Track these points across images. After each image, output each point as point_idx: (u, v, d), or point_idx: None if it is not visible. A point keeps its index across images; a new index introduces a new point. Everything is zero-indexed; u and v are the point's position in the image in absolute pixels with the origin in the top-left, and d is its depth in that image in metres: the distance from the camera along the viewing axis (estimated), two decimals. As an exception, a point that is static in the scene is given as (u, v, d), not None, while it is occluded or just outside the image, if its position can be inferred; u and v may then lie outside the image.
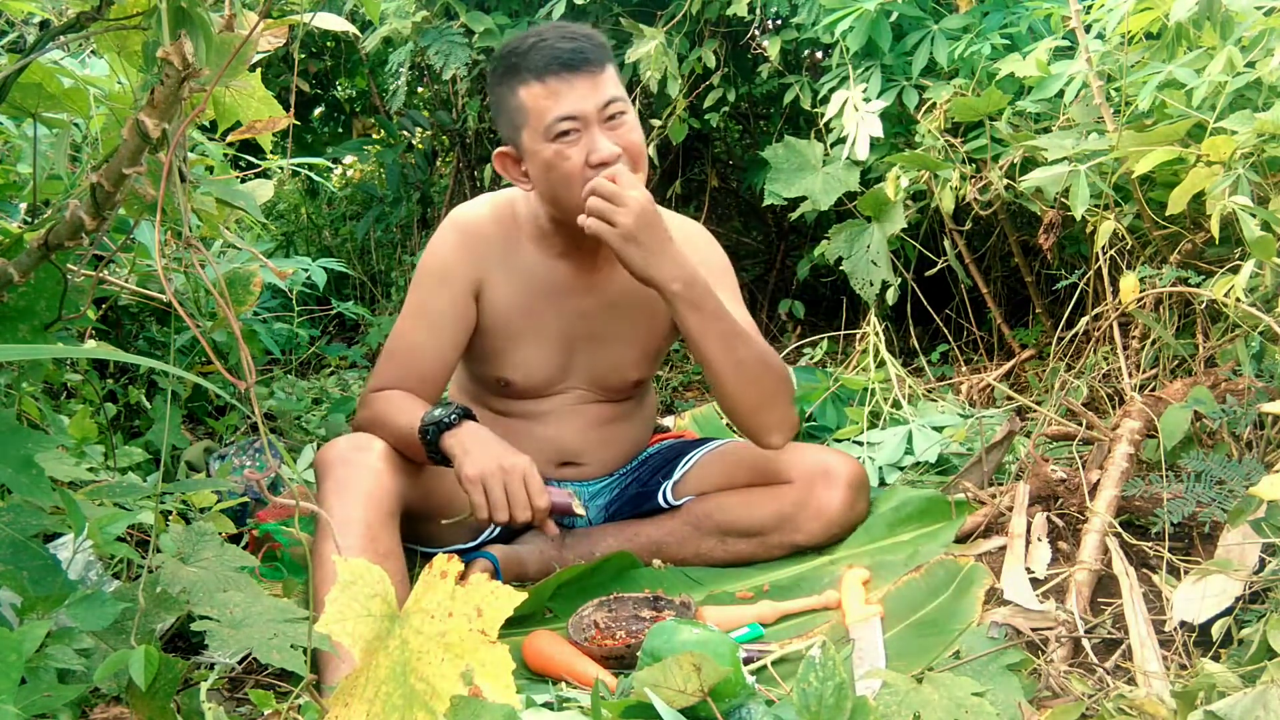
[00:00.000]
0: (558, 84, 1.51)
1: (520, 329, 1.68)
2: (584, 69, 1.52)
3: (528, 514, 1.44)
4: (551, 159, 1.53)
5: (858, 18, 2.29)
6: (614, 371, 1.76)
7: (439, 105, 3.67)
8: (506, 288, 1.68)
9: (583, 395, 1.76)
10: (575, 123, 1.52)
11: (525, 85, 1.53)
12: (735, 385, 1.60)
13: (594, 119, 1.52)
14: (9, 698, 0.84)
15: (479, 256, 1.66)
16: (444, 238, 1.68)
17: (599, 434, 1.79)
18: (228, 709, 1.19)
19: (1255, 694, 0.98)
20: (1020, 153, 2.05)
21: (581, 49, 1.52)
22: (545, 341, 1.70)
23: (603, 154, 1.52)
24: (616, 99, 1.55)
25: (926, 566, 1.56)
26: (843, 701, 1.00)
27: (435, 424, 1.49)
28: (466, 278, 1.66)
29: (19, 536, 1.03)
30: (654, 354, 1.80)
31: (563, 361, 1.73)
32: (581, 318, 1.71)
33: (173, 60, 0.88)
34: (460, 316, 1.66)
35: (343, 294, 3.61)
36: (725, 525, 1.73)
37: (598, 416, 1.78)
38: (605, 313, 1.72)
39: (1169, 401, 1.64)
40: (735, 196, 3.69)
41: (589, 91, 1.52)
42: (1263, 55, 1.60)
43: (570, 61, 1.51)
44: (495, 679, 0.83)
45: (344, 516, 1.43)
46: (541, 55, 1.52)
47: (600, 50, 1.55)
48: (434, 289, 1.65)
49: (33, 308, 1.12)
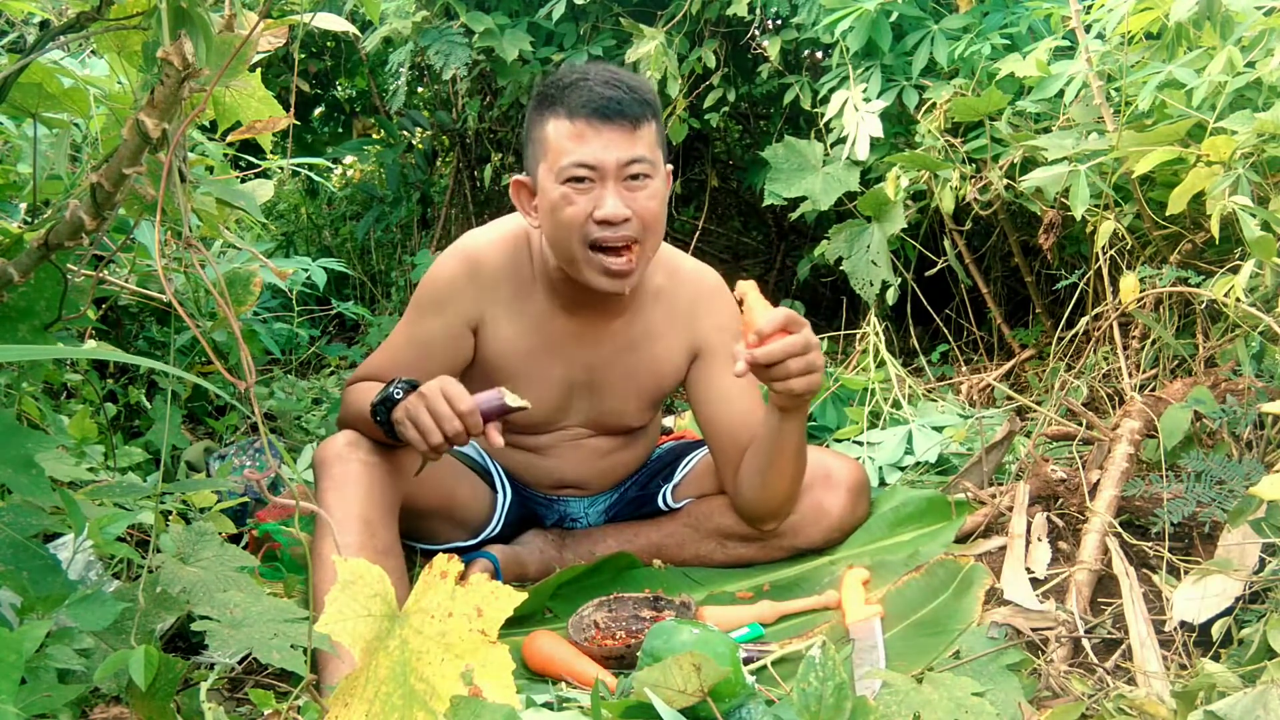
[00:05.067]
0: (585, 128, 1.45)
1: (521, 371, 1.63)
2: (616, 120, 1.45)
3: (455, 423, 1.38)
4: (558, 201, 1.47)
5: (858, 18, 2.29)
6: (614, 416, 1.73)
7: (439, 105, 3.67)
8: (510, 329, 1.63)
9: (582, 432, 1.74)
10: (591, 172, 1.46)
11: (555, 119, 1.48)
12: (784, 484, 1.61)
13: (611, 174, 1.46)
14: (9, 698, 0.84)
15: (484, 292, 1.61)
16: (451, 266, 1.62)
17: (599, 464, 1.77)
18: (228, 709, 1.19)
19: (1255, 694, 0.98)
20: (1020, 153, 2.05)
21: (619, 100, 1.45)
22: (546, 386, 1.65)
23: (607, 212, 1.45)
24: (643, 160, 1.47)
25: (926, 566, 1.56)
26: (843, 701, 1.00)
27: (383, 402, 1.46)
28: (466, 311, 1.61)
29: (19, 536, 1.03)
30: (655, 403, 1.77)
31: (563, 405, 1.70)
32: (585, 368, 1.67)
33: (173, 60, 0.88)
34: (451, 347, 1.62)
35: (343, 294, 3.61)
36: (725, 528, 1.72)
37: (597, 449, 1.76)
38: (609, 365, 1.68)
39: (1169, 401, 1.64)
40: (735, 196, 3.69)
41: (615, 144, 1.45)
42: (1263, 55, 1.60)
43: (603, 109, 1.45)
44: (495, 679, 0.83)
45: (342, 513, 1.43)
46: (579, 95, 1.46)
47: (641, 106, 1.47)
48: (430, 315, 1.62)
49: (33, 308, 1.12)
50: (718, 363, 1.68)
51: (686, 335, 1.69)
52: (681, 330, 1.68)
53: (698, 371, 1.70)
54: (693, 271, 1.71)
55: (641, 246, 1.50)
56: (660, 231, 1.53)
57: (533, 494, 1.79)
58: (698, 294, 1.69)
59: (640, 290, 1.65)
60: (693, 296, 1.69)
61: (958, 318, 2.81)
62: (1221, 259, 1.84)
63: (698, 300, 1.69)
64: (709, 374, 1.69)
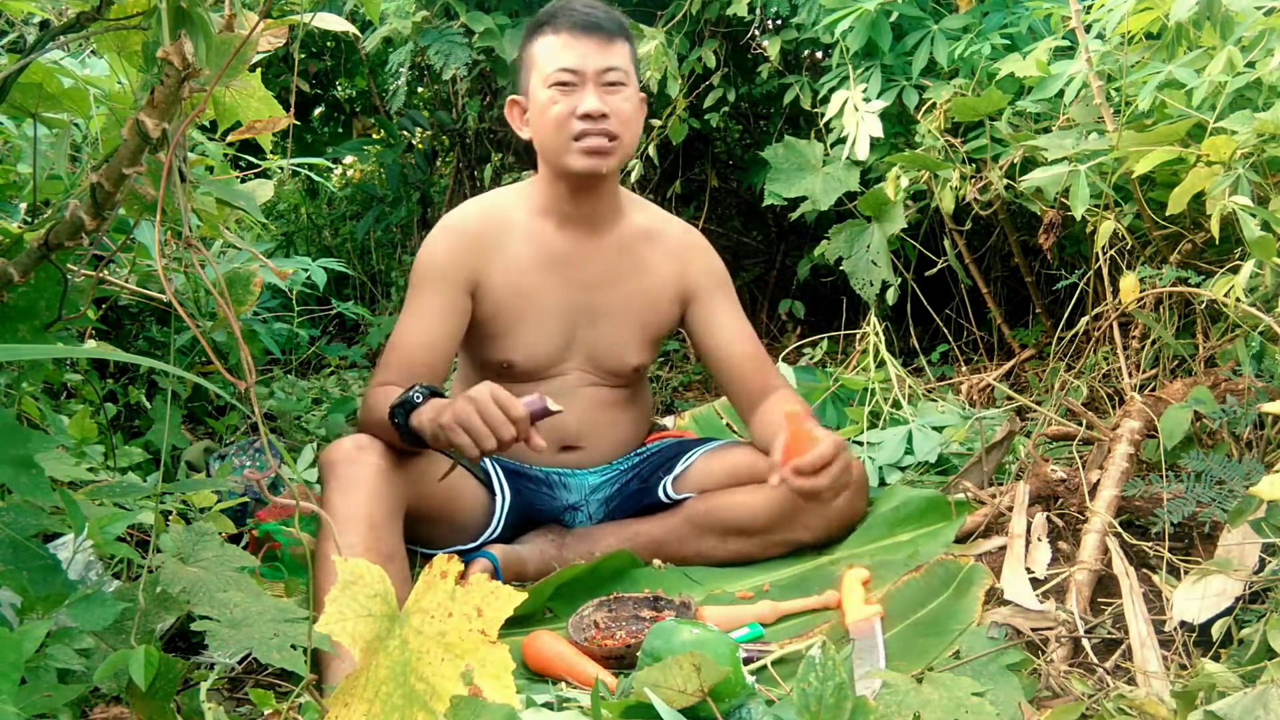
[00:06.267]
0: (569, 39, 1.67)
1: (521, 308, 1.74)
2: (594, 33, 1.67)
3: (510, 429, 1.41)
4: (545, 103, 1.67)
5: (858, 18, 2.29)
6: (613, 351, 1.80)
7: (439, 105, 3.67)
8: (504, 275, 1.74)
9: (582, 377, 1.81)
10: (574, 76, 1.66)
11: (543, 37, 1.70)
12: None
13: (591, 78, 1.66)
14: (9, 698, 0.84)
15: (472, 254, 1.73)
16: (435, 240, 1.75)
17: (598, 417, 1.82)
18: (228, 709, 1.19)
19: (1255, 694, 0.98)
20: (1020, 153, 2.05)
21: (597, 18, 1.69)
22: (546, 318, 1.76)
23: (588, 107, 1.65)
24: (618, 69, 1.68)
25: (926, 566, 1.56)
26: (843, 701, 1.00)
27: (402, 405, 1.51)
28: (460, 277, 1.72)
29: (19, 536, 1.03)
30: (652, 339, 1.85)
31: (563, 339, 1.77)
32: (580, 289, 1.77)
33: (173, 60, 0.88)
34: (456, 313, 1.72)
35: (343, 294, 3.61)
36: (725, 524, 1.73)
37: (597, 399, 1.82)
38: (604, 285, 1.79)
39: (1169, 401, 1.64)
40: (735, 196, 3.69)
41: (593, 53, 1.66)
42: (1263, 55, 1.60)
43: (583, 24, 1.67)
44: (495, 679, 0.83)
45: (347, 515, 1.43)
46: (563, 15, 1.69)
47: (616, 24, 1.71)
48: (429, 289, 1.72)
49: (33, 308, 1.12)
50: (712, 302, 1.85)
51: (677, 278, 1.84)
52: (671, 272, 1.83)
53: (695, 315, 1.86)
54: (680, 226, 1.90)
55: (619, 141, 1.69)
56: (635, 133, 1.74)
57: (531, 475, 1.80)
58: (687, 242, 1.87)
59: (627, 220, 1.82)
60: (682, 243, 1.87)
61: (958, 318, 2.81)
62: (1221, 259, 1.84)
63: (687, 248, 1.87)
64: (707, 315, 1.85)
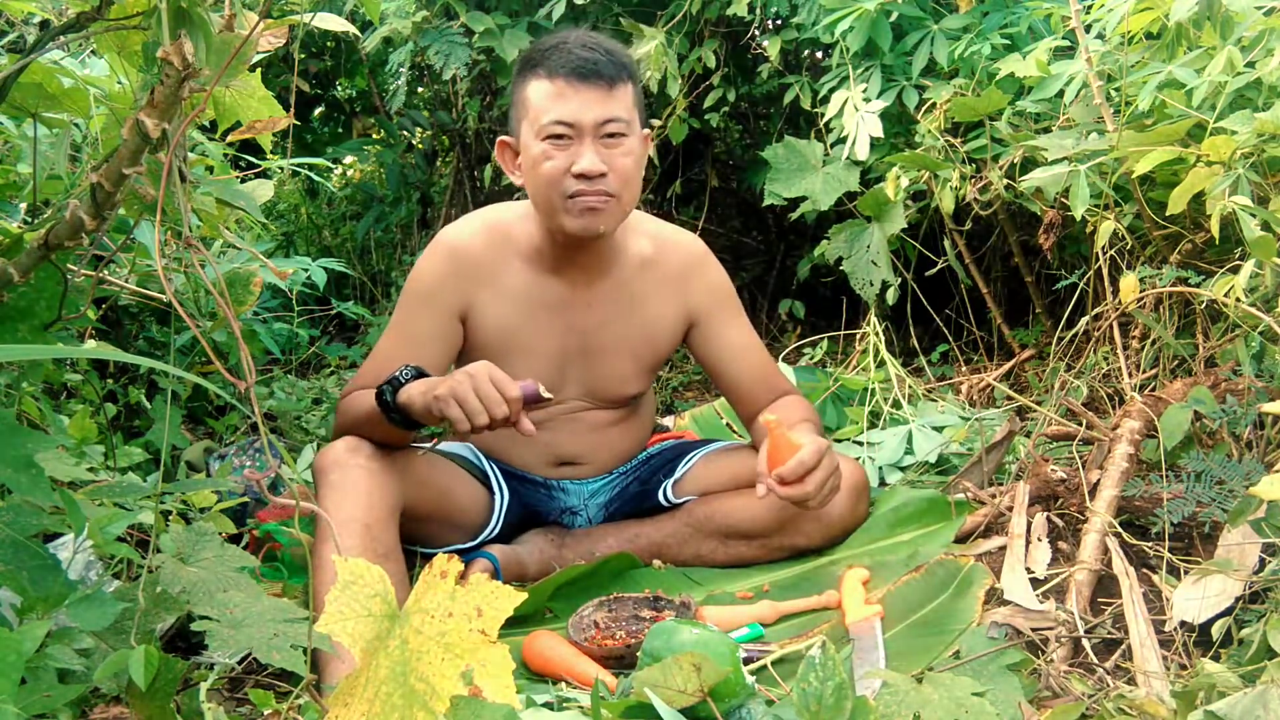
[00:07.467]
0: (565, 88, 1.54)
1: (513, 346, 1.68)
2: (594, 81, 1.53)
3: (504, 408, 1.39)
4: (538, 157, 1.56)
5: (858, 18, 2.29)
6: (610, 384, 1.76)
7: (439, 105, 3.67)
8: (497, 307, 1.67)
9: (579, 405, 1.77)
10: (569, 129, 1.54)
11: (537, 80, 1.57)
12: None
13: (589, 131, 1.54)
14: (9, 698, 0.84)
15: (467, 279, 1.67)
16: (431, 259, 1.68)
17: (596, 438, 1.79)
18: (228, 709, 1.19)
19: (1255, 694, 0.98)
20: (1020, 153, 2.05)
21: (596, 61, 1.54)
22: (539, 359, 1.69)
23: (584, 166, 1.53)
24: (619, 119, 1.55)
25: (926, 566, 1.56)
26: (843, 701, 1.00)
27: (389, 383, 1.49)
28: (452, 302, 1.66)
29: (19, 536, 1.03)
30: (650, 369, 1.80)
31: (558, 375, 1.71)
32: (575, 333, 1.71)
33: (173, 60, 0.88)
34: (443, 338, 1.66)
35: (343, 294, 3.61)
36: (726, 527, 1.73)
37: (595, 422, 1.78)
38: (600, 328, 1.72)
39: (1169, 401, 1.64)
40: (735, 196, 3.69)
41: (592, 103, 1.53)
42: (1263, 55, 1.60)
43: (581, 69, 1.53)
44: (495, 679, 0.83)
45: (342, 517, 1.43)
46: (559, 57, 1.55)
47: (617, 68, 1.56)
48: (418, 310, 1.66)
49: (33, 308, 1.12)
50: (714, 323, 1.77)
51: (680, 301, 1.75)
52: (673, 296, 1.75)
53: (698, 336, 1.78)
54: (679, 240, 1.79)
55: (618, 200, 1.57)
56: (636, 189, 1.61)
57: (530, 479, 1.79)
58: (687, 262, 1.76)
59: (626, 256, 1.72)
60: (683, 264, 1.76)
61: (958, 318, 2.81)
62: (1221, 259, 1.84)
63: (688, 267, 1.76)
64: (713, 334, 1.77)
